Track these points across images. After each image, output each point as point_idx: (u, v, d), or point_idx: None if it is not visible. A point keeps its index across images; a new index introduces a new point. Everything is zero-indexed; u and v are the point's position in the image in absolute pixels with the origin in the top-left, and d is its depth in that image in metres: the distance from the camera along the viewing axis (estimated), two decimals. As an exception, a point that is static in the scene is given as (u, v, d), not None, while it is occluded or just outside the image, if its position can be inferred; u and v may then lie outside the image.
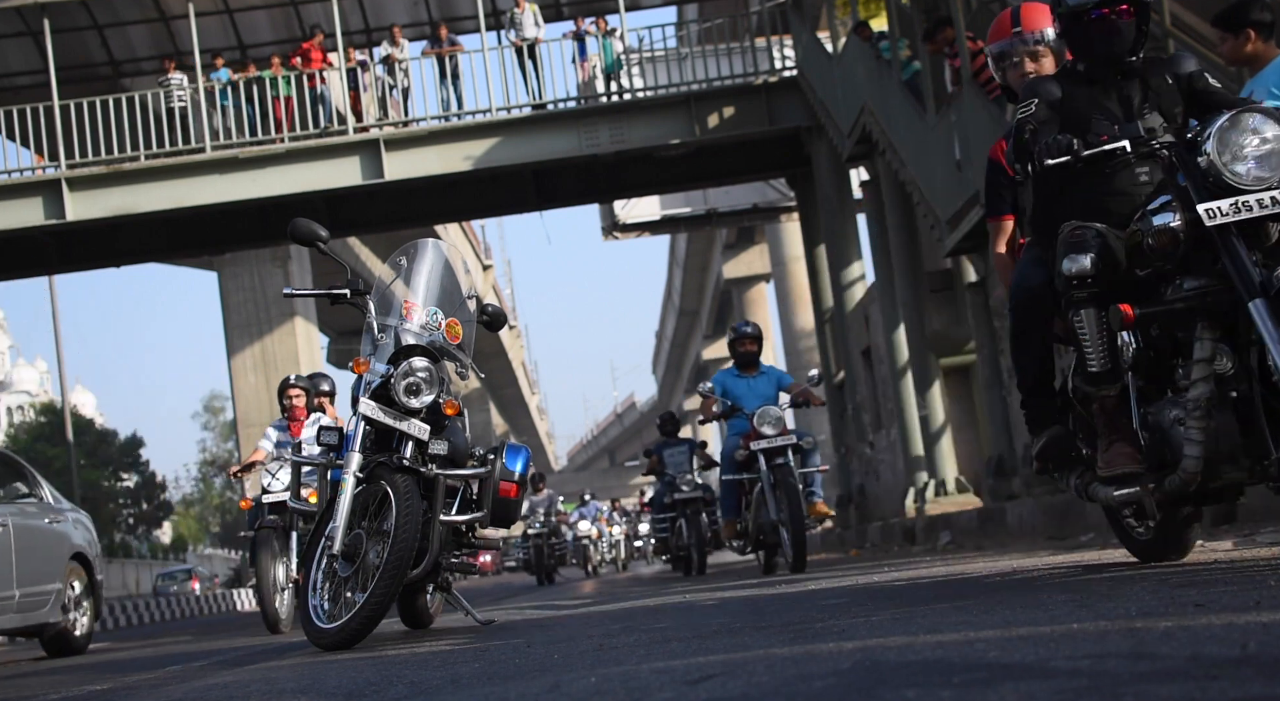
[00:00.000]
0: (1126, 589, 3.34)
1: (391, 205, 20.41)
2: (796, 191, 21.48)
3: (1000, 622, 2.78)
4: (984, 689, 1.83)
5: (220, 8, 20.08)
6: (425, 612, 5.99)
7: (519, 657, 3.50)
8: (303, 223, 5.35)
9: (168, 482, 58.48)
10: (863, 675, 2.12)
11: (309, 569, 4.94)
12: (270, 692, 3.38)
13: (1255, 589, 2.92)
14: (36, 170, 19.21)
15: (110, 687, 4.53)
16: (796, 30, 19.10)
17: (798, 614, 3.94)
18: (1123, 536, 4.58)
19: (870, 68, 14.94)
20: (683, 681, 2.33)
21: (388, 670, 3.60)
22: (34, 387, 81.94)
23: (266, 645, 6.68)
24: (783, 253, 38.48)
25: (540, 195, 20.55)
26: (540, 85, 19.18)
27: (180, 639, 11.10)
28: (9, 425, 58.96)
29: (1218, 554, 4.48)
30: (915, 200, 14.25)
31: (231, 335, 29.71)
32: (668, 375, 73.17)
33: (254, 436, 29.30)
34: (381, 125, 18.96)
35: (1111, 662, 1.96)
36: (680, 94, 19.05)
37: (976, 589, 4.16)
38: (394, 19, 20.50)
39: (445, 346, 5.35)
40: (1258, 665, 1.82)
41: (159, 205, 18.53)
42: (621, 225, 30.69)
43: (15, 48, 20.20)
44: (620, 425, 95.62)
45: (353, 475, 4.91)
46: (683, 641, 3.31)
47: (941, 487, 14.82)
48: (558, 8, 21.29)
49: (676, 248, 53.32)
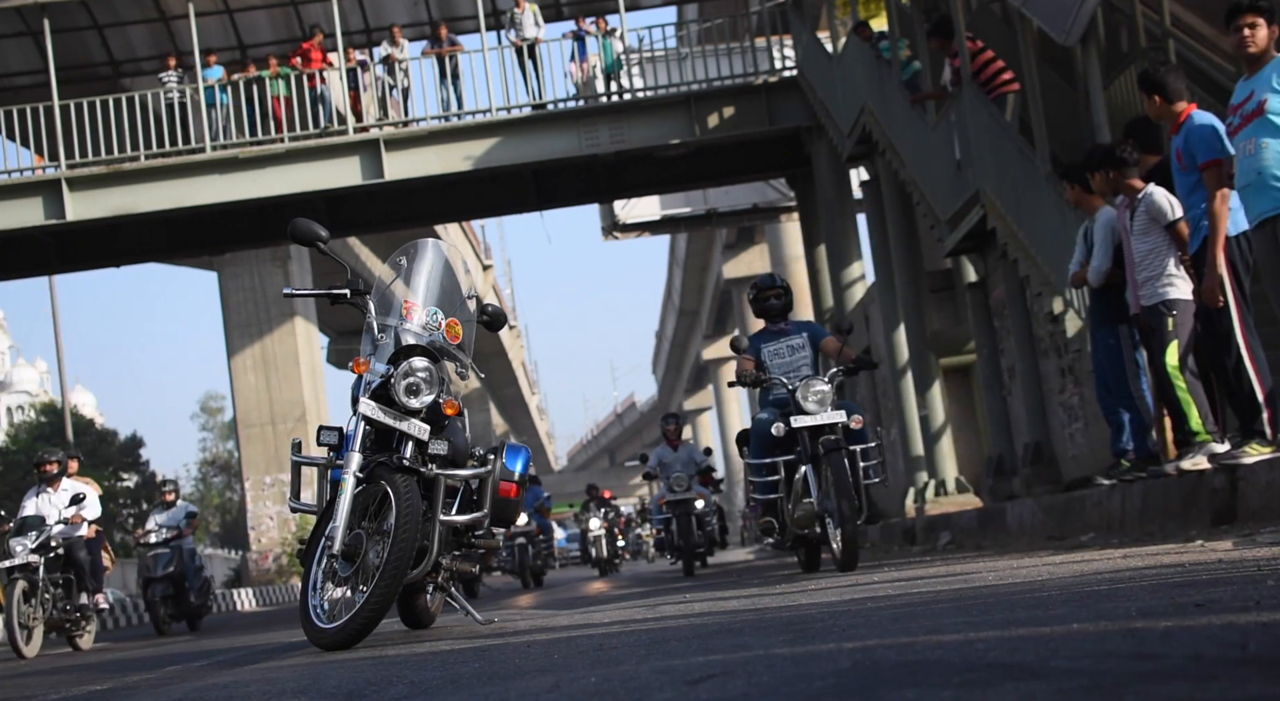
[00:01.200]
0: (1126, 589, 3.34)
1: (391, 205, 20.42)
2: (796, 191, 21.48)
3: (1000, 622, 2.78)
4: (984, 689, 1.83)
5: (220, 8, 20.09)
6: (425, 612, 5.98)
7: (519, 657, 3.50)
8: (303, 223, 5.35)
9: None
10: (863, 675, 2.12)
11: (309, 568, 4.93)
12: (270, 692, 3.38)
13: (1255, 589, 2.92)
14: (36, 170, 19.22)
15: (110, 687, 4.53)
16: (796, 30, 19.10)
17: (798, 614, 3.94)
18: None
19: (870, 68, 14.94)
20: (683, 681, 2.33)
21: (388, 670, 3.60)
22: (34, 387, 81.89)
23: (267, 645, 6.68)
24: (783, 253, 38.45)
25: (540, 195, 20.56)
26: (540, 85, 19.20)
27: (180, 639, 11.11)
28: (9, 425, 58.94)
29: (1218, 554, 4.48)
30: (915, 200, 14.25)
31: (231, 335, 29.73)
32: (668, 375, 73.12)
33: (254, 436, 29.37)
34: (381, 125, 18.96)
35: (1111, 662, 1.96)
36: (680, 94, 19.05)
37: (976, 589, 4.16)
38: (394, 19, 20.51)
39: (445, 346, 5.35)
40: (1258, 665, 1.82)
41: (159, 205, 18.54)
42: (621, 225, 30.71)
43: (15, 48, 20.21)
44: (620, 425, 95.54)
45: (353, 475, 4.91)
46: (683, 641, 3.31)
47: (941, 488, 14.82)
48: (558, 8, 21.30)
49: (676, 248, 53.30)
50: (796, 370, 7.97)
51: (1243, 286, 6.29)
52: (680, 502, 12.91)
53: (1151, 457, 7.43)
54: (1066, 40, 9.36)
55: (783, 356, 8.12)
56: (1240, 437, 6.27)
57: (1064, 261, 8.79)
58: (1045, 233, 10.17)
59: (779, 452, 7.67)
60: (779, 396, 7.89)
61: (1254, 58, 5.91)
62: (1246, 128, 5.84)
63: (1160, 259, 6.80)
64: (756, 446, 7.84)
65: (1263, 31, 5.86)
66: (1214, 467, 6.22)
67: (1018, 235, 10.84)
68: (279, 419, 29.13)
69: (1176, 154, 6.44)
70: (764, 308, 8.36)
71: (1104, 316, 7.62)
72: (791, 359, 8.10)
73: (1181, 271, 6.74)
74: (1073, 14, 9.01)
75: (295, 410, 29.23)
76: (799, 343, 8.19)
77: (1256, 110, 5.79)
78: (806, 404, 7.45)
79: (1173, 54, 9.09)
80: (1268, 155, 5.74)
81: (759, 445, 7.80)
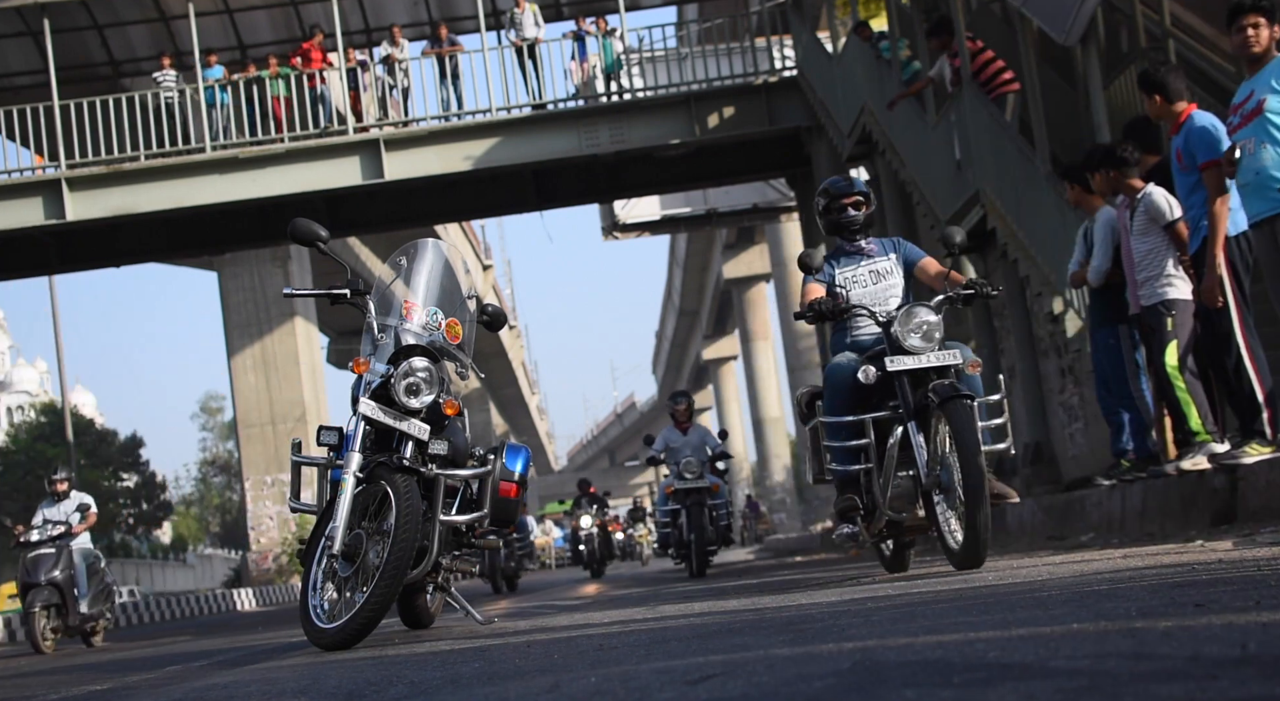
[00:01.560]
0: (1126, 589, 3.34)
1: (391, 205, 20.42)
2: (796, 191, 21.49)
3: (1000, 622, 2.78)
4: (984, 689, 1.83)
5: (220, 8, 20.10)
6: (425, 612, 5.99)
7: (519, 657, 3.50)
8: (303, 223, 5.35)
9: (168, 482, 58.47)
10: (863, 675, 2.12)
11: (309, 568, 4.94)
12: (270, 692, 3.38)
13: (1255, 589, 2.92)
14: (36, 170, 19.23)
15: (110, 687, 4.53)
16: (796, 30, 19.11)
17: (798, 614, 3.94)
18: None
19: (870, 68, 14.94)
20: (683, 681, 2.33)
21: (388, 670, 3.60)
22: (34, 387, 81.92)
23: (267, 645, 6.68)
24: (783, 253, 38.49)
25: (540, 195, 20.56)
26: (540, 85, 19.20)
27: (180, 639, 11.11)
28: (9, 425, 58.97)
29: (1218, 553, 4.48)
30: (915, 200, 14.26)
31: (231, 335, 29.73)
32: (668, 375, 73.16)
33: (254, 436, 29.37)
34: (381, 125, 18.96)
35: (1111, 662, 1.96)
36: (680, 94, 19.05)
37: (976, 589, 4.16)
38: (394, 19, 20.51)
39: (445, 346, 5.35)
40: (1258, 665, 1.82)
41: (159, 205, 18.55)
42: (621, 225, 30.72)
43: (15, 48, 20.22)
44: (620, 425, 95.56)
45: (353, 475, 4.91)
46: (683, 641, 3.31)
47: (941, 487, 14.80)
48: (558, 8, 21.30)
49: (676, 248, 53.34)
50: (883, 302, 5.98)
51: (1243, 286, 6.30)
52: (692, 491, 11.44)
53: (1151, 458, 7.43)
54: (1066, 40, 9.37)
55: (864, 283, 6.09)
56: (1240, 438, 6.27)
57: (1064, 261, 8.79)
58: (1045, 233, 10.17)
59: (865, 408, 5.76)
60: (861, 337, 6.05)
61: (1256, 58, 5.92)
62: (1246, 127, 5.85)
63: (1160, 259, 6.80)
64: (834, 400, 5.85)
65: (1265, 32, 5.87)
66: (1214, 468, 6.22)
67: (1018, 235, 10.85)
68: (279, 419, 29.13)
69: (1176, 154, 6.45)
70: (839, 221, 6.18)
71: (1104, 316, 7.62)
72: (876, 287, 6.08)
73: (1181, 271, 6.75)
74: (1073, 14, 9.01)
75: (295, 410, 29.23)
76: (886, 266, 6.14)
77: (1256, 110, 5.80)
78: (908, 340, 5.56)
79: (1173, 54, 9.08)
80: (1266, 155, 5.75)
81: (838, 398, 5.83)
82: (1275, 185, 5.76)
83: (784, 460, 47.57)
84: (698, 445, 11.88)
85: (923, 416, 5.52)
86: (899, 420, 5.62)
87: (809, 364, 35.98)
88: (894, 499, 5.73)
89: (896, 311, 5.69)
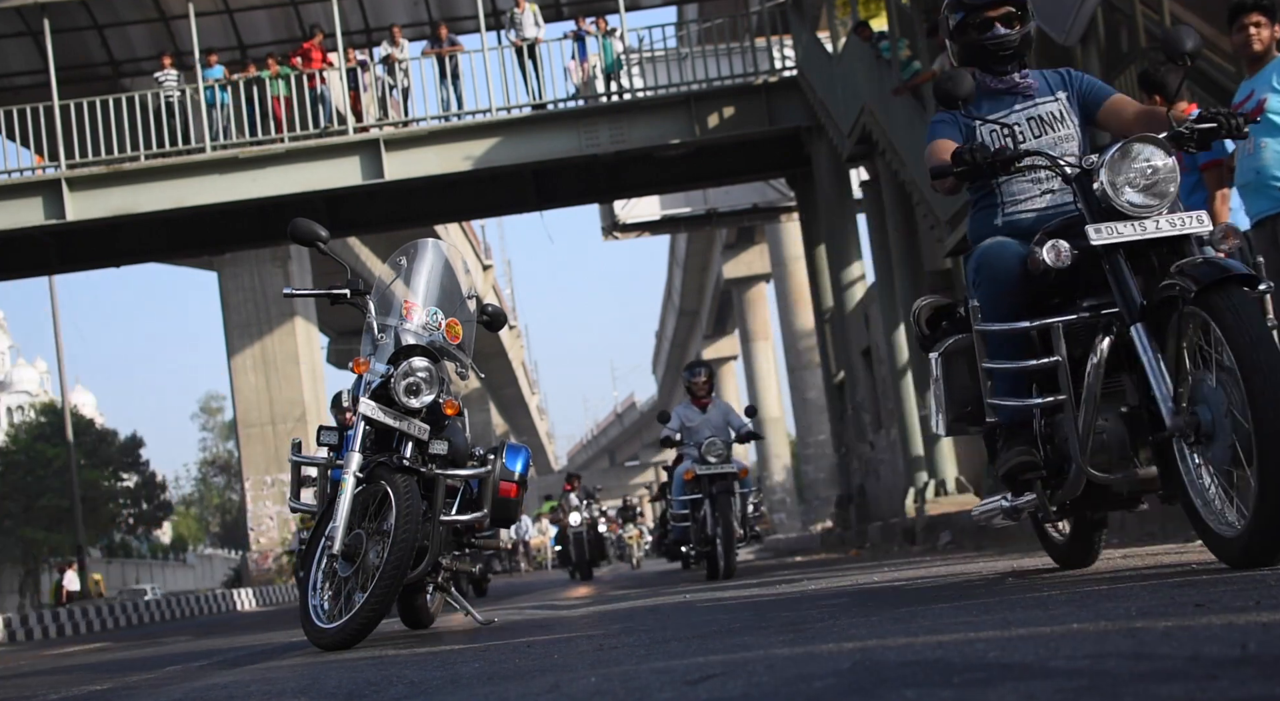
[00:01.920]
0: (1126, 589, 3.34)
1: (391, 205, 20.42)
2: (796, 191, 21.49)
3: (1000, 622, 2.78)
4: (984, 689, 1.83)
5: (220, 8, 20.10)
6: (425, 612, 5.99)
7: (519, 657, 3.50)
8: (303, 223, 5.35)
9: (168, 482, 58.48)
10: (863, 675, 2.12)
11: (309, 569, 4.94)
12: (270, 692, 3.38)
13: (1255, 589, 2.92)
14: (36, 170, 19.22)
15: (110, 687, 4.53)
16: (796, 30, 19.11)
17: (798, 614, 3.94)
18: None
19: (870, 68, 14.94)
20: (683, 681, 2.33)
21: (388, 670, 3.60)
22: (34, 387, 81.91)
23: (267, 645, 6.68)
24: (783, 253, 38.47)
25: (540, 195, 20.57)
26: (540, 85, 19.21)
27: (180, 639, 11.10)
28: (9, 425, 58.95)
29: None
30: (915, 200, 14.26)
31: (231, 335, 29.73)
32: (668, 375, 73.15)
33: (254, 436, 29.38)
34: (381, 125, 18.97)
35: (1111, 662, 1.96)
36: (680, 94, 19.06)
37: (976, 589, 4.16)
38: (394, 19, 20.52)
39: (445, 346, 5.35)
40: (1258, 665, 1.82)
41: (159, 205, 18.55)
42: (621, 225, 30.72)
43: (15, 48, 20.22)
44: (620, 425, 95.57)
45: (353, 475, 4.91)
46: (683, 641, 3.31)
47: (941, 487, 14.82)
48: (558, 8, 21.31)
49: (676, 248, 53.32)
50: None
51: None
52: (717, 478, 9.49)
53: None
54: (1066, 40, 9.37)
55: (1022, 137, 4.24)
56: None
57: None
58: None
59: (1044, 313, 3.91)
60: (1022, 214, 4.21)
61: (1256, 57, 5.92)
62: (1245, 127, 5.85)
63: None
64: (994, 299, 4.01)
65: (1266, 31, 5.88)
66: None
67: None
68: (279, 419, 29.14)
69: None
70: (983, 43, 4.25)
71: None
72: (1040, 141, 4.24)
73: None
74: (1073, 14, 9.02)
75: (295, 410, 29.24)
76: (1055, 109, 4.31)
77: (1256, 109, 5.80)
78: (1123, 195, 3.75)
79: (1173, 54, 9.07)
80: (1267, 154, 5.76)
81: (1000, 296, 4.00)
82: (1276, 184, 5.76)
83: (784, 460, 47.53)
84: (720, 424, 10.21)
85: (1159, 317, 3.61)
86: (1104, 327, 3.76)
87: (809, 364, 35.95)
88: (1097, 451, 3.85)
89: (1098, 157, 3.77)
